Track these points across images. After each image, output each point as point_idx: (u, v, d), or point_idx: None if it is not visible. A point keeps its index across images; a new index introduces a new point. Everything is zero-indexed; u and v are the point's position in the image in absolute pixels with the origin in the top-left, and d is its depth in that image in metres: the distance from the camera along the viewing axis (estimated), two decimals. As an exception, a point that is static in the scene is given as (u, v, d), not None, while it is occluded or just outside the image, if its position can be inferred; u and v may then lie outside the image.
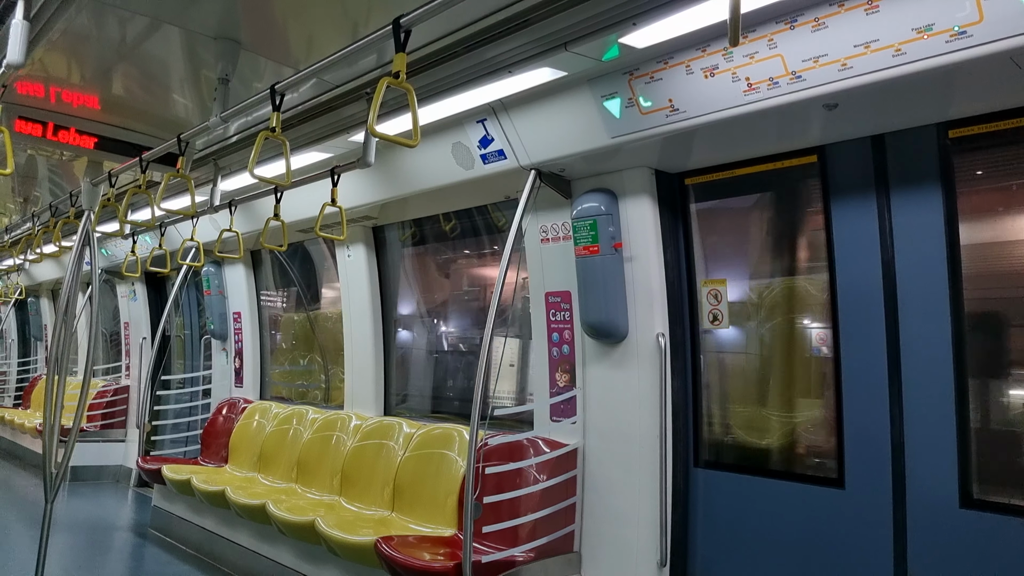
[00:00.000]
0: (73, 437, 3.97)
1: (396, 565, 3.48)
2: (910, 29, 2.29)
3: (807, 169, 3.28)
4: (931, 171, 2.89)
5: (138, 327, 8.39)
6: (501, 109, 3.53)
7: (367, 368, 5.30)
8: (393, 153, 4.20)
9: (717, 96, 2.80)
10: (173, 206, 5.12)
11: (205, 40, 3.21)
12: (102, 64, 3.52)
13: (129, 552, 5.66)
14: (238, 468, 5.83)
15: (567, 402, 3.81)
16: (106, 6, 2.90)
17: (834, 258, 3.16)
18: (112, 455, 8.24)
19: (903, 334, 2.94)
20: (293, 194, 4.01)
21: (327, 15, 2.99)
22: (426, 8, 2.27)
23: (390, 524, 4.23)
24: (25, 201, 6.73)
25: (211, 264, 6.75)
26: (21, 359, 11.78)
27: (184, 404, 7.18)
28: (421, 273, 5.55)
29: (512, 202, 4.17)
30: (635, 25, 2.57)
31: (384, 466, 4.60)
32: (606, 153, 3.37)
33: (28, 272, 9.70)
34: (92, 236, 4.16)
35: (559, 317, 3.88)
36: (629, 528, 3.53)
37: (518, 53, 2.93)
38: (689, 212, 3.70)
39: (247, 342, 6.66)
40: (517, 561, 3.48)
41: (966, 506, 2.75)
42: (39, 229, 6.00)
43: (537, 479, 3.64)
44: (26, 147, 3.99)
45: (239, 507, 4.71)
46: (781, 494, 3.28)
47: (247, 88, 3.55)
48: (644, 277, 3.55)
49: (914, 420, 2.89)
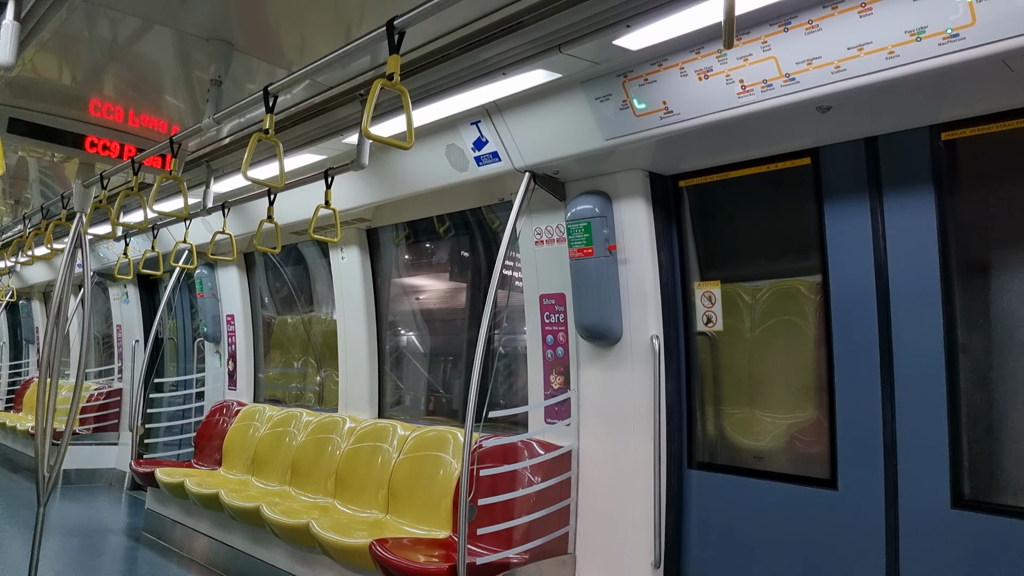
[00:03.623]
0: (66, 440, 3.95)
1: (391, 567, 3.47)
2: (903, 32, 2.30)
3: (800, 171, 3.29)
4: (924, 173, 2.90)
5: (131, 330, 8.35)
6: (495, 111, 3.53)
7: (361, 370, 5.28)
8: (387, 155, 4.20)
9: (711, 98, 2.80)
10: (166, 208, 5.10)
11: (197, 41, 3.20)
12: (94, 65, 3.50)
13: (122, 556, 5.64)
14: (232, 471, 5.80)
15: (561, 404, 3.81)
16: (98, 7, 2.89)
17: (827, 260, 3.17)
18: (105, 458, 8.20)
19: (895, 336, 2.95)
20: (287, 196, 3.99)
21: (320, 16, 2.98)
22: (420, 10, 2.26)
23: (384, 526, 4.22)
24: (16, 203, 6.69)
25: (204, 266, 6.73)
26: (13, 362, 11.71)
27: (177, 407, 7.15)
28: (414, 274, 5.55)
29: (506, 204, 4.18)
30: (629, 27, 2.58)
31: (378, 468, 4.59)
32: (600, 155, 3.37)
33: (19, 275, 9.65)
34: (84, 238, 4.14)
35: (553, 319, 3.88)
36: (623, 529, 3.53)
37: (512, 55, 2.93)
38: (683, 214, 3.70)
39: (240, 345, 6.64)
40: (512, 563, 3.48)
41: (958, 506, 2.76)
42: (30, 231, 5.97)
43: (532, 481, 3.63)
44: (17, 148, 3.97)
45: (233, 510, 4.69)
46: (774, 495, 3.28)
47: (240, 90, 3.54)
48: (638, 279, 3.55)
49: (906, 421, 2.90)
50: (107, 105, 3.85)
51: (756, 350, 3.53)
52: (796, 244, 3.45)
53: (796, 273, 3.43)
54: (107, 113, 3.87)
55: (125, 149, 3.99)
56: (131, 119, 3.96)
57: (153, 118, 4.04)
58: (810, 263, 3.30)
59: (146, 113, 3.99)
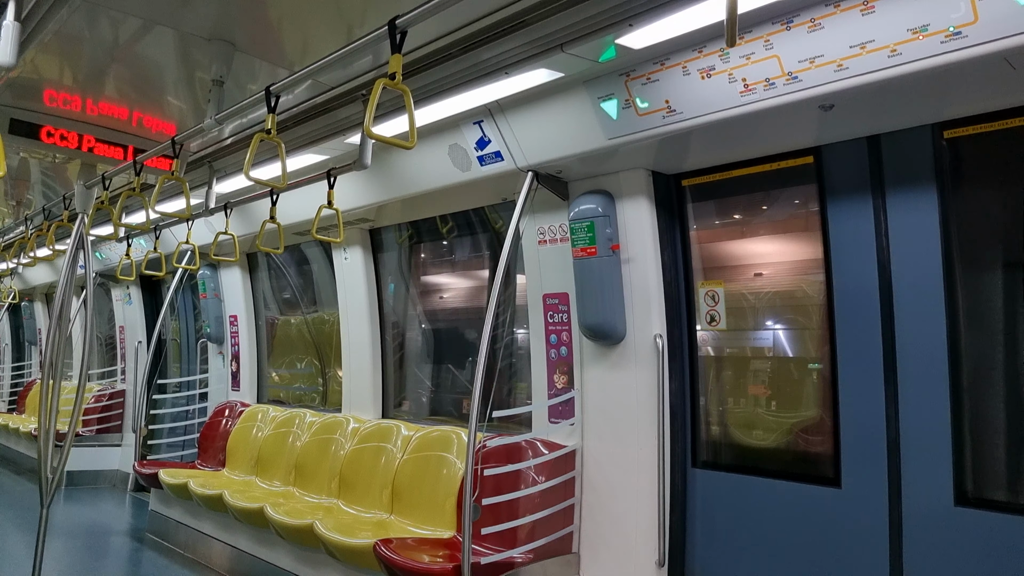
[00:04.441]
0: (69, 442, 3.95)
1: (395, 567, 3.47)
2: (905, 30, 2.30)
3: (803, 170, 3.29)
4: (926, 171, 2.89)
5: (133, 331, 8.36)
6: (498, 110, 3.53)
7: (365, 371, 5.28)
8: (389, 155, 4.20)
9: (714, 97, 2.80)
10: (168, 209, 5.11)
11: (199, 42, 3.20)
12: (95, 66, 3.51)
13: (126, 557, 5.64)
14: (236, 472, 5.81)
15: (565, 403, 3.80)
16: (99, 7, 2.89)
17: (830, 259, 3.17)
18: (108, 459, 8.20)
19: (899, 334, 2.95)
20: (289, 196, 3.99)
21: (322, 16, 2.98)
22: (422, 9, 2.26)
23: (389, 527, 4.22)
24: (18, 204, 6.70)
25: (207, 267, 6.73)
26: (15, 363, 11.72)
27: (181, 408, 7.15)
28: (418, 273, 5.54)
29: (509, 204, 4.17)
30: (632, 26, 2.58)
31: (383, 469, 4.59)
32: (603, 154, 3.37)
33: (22, 276, 9.66)
34: (86, 239, 4.14)
35: (557, 319, 3.88)
36: (627, 529, 3.53)
37: (515, 54, 2.93)
38: (686, 213, 3.70)
39: (244, 345, 6.64)
40: (516, 562, 3.48)
41: (961, 504, 2.76)
42: (32, 232, 5.97)
43: (536, 480, 3.63)
44: (18, 149, 3.97)
45: (237, 511, 4.70)
46: (778, 494, 3.28)
47: (242, 90, 3.54)
48: (641, 278, 3.55)
49: (910, 419, 2.90)
50: (109, 105, 3.86)
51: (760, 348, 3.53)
52: (798, 243, 3.44)
53: (799, 272, 3.42)
54: (108, 113, 3.88)
55: (127, 150, 4.00)
56: (133, 119, 3.96)
57: (155, 118, 4.04)
58: (813, 262, 3.29)
59: (148, 113, 4.00)
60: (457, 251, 5.31)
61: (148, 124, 4.02)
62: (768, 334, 3.54)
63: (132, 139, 4.03)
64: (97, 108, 3.84)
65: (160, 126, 4.04)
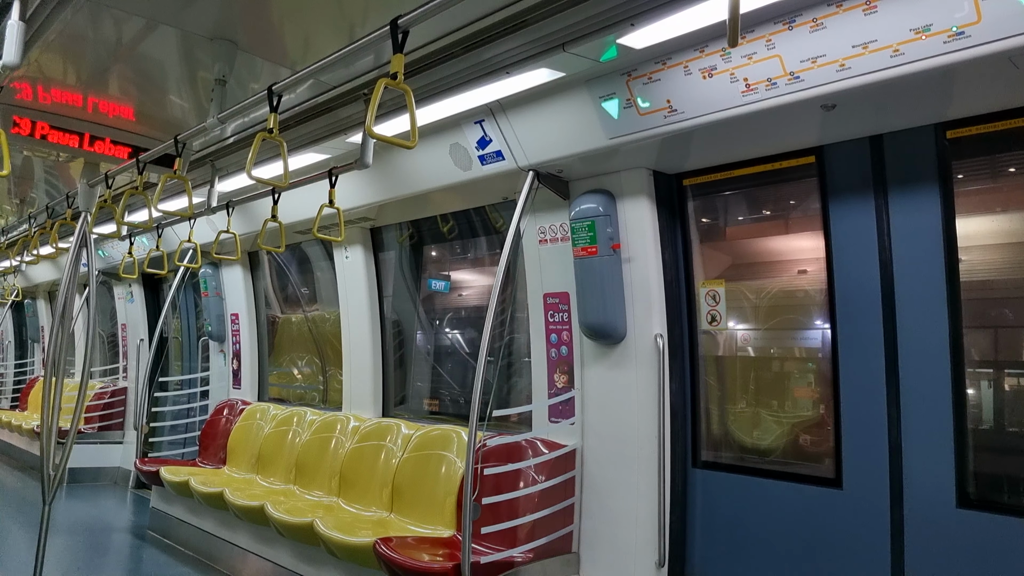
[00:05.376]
0: (71, 439, 3.96)
1: (395, 566, 3.47)
2: (908, 30, 2.29)
3: (805, 169, 3.28)
4: (929, 171, 2.89)
5: (135, 329, 8.38)
6: (499, 110, 3.53)
7: (365, 369, 5.29)
8: (391, 154, 4.20)
9: (715, 97, 2.79)
10: (170, 207, 5.11)
11: (201, 41, 3.20)
12: (98, 65, 3.51)
13: (127, 554, 5.65)
14: (236, 470, 5.82)
15: (566, 403, 3.80)
16: (102, 7, 2.89)
17: (832, 258, 3.16)
18: (110, 457, 8.22)
19: (900, 334, 2.94)
20: (291, 195, 4.00)
21: (324, 16, 2.98)
22: (424, 9, 2.26)
23: (389, 525, 4.22)
24: (21, 202, 6.72)
25: (208, 266, 6.74)
26: (18, 361, 11.76)
27: (182, 406, 7.17)
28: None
29: (510, 203, 4.17)
30: (633, 26, 2.57)
31: (383, 467, 4.60)
32: (604, 154, 3.37)
33: (25, 274, 9.68)
34: (89, 238, 4.15)
35: (557, 318, 3.88)
36: (627, 528, 3.53)
37: (516, 54, 2.93)
38: (687, 213, 3.70)
39: (245, 344, 6.65)
40: (516, 562, 3.48)
41: (963, 506, 2.75)
42: (35, 231, 5.98)
43: (536, 480, 3.63)
44: (22, 148, 3.98)
45: (237, 508, 4.71)
46: (779, 494, 3.28)
47: (244, 89, 3.55)
48: (642, 278, 3.55)
49: (912, 420, 2.90)
50: (112, 104, 3.87)
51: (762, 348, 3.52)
52: (800, 242, 3.44)
53: (801, 272, 3.41)
54: (110, 112, 3.89)
55: (130, 149, 4.01)
56: (135, 118, 3.97)
57: (156, 118, 4.05)
58: (815, 262, 3.28)
59: (151, 112, 4.01)
60: (458, 250, 5.31)
61: (150, 123, 4.03)
62: (782, 333, 3.54)
63: (135, 138, 4.04)
64: (100, 107, 3.85)
65: (161, 125, 4.05)
